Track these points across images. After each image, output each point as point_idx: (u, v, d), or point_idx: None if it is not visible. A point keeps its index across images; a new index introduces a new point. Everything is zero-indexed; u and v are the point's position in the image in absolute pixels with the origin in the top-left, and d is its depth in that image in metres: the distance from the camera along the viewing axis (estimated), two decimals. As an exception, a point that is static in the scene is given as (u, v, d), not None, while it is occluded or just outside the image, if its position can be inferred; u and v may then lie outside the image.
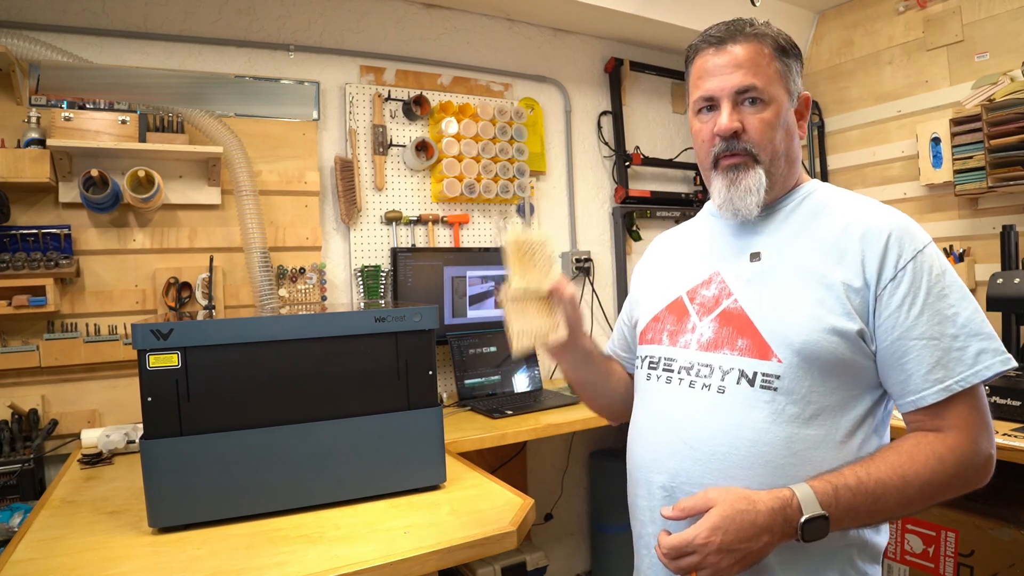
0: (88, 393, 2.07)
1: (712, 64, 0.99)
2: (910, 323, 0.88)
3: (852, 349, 0.90)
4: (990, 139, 2.25)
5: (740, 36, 0.98)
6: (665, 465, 0.98)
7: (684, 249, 1.15)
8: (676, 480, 0.96)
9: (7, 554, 1.16)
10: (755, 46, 0.98)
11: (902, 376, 0.89)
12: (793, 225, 1.00)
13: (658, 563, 0.91)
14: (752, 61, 0.97)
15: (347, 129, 2.52)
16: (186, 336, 1.24)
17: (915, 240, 0.92)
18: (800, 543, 0.84)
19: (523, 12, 2.81)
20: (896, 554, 2.12)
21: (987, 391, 1.85)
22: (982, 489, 0.93)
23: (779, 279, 0.96)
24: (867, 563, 0.95)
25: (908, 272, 0.89)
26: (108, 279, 2.12)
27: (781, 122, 0.98)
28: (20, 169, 1.88)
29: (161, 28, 2.21)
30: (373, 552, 1.12)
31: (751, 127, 0.97)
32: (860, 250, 0.92)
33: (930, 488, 0.86)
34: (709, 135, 1.00)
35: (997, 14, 2.40)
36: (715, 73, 0.98)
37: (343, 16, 2.52)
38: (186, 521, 1.25)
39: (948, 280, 0.90)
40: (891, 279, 0.90)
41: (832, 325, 0.89)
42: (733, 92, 0.96)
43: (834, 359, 0.89)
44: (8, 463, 1.79)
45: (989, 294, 2.10)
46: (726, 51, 0.98)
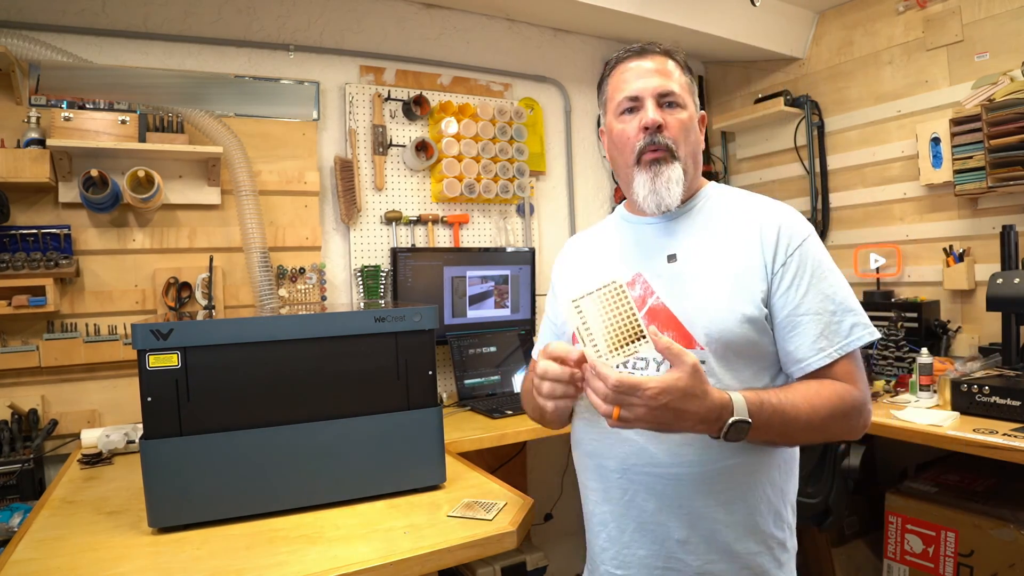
0: (88, 393, 2.07)
1: (636, 70, 1.11)
2: (798, 300, 1.03)
3: (759, 332, 1.04)
4: (990, 139, 2.25)
5: (657, 50, 1.13)
6: (615, 451, 1.07)
7: (602, 252, 1.22)
8: (627, 463, 1.06)
9: (7, 554, 1.16)
10: (669, 60, 1.12)
11: (792, 346, 1.04)
12: (700, 225, 1.12)
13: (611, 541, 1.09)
14: (668, 72, 1.11)
15: (347, 129, 2.52)
16: (186, 336, 1.24)
17: (800, 231, 1.07)
18: (721, 445, 0.98)
19: (523, 12, 2.81)
20: (896, 554, 2.12)
21: (987, 391, 1.86)
22: (982, 489, 0.95)
23: (695, 276, 1.07)
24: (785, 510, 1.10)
25: (795, 257, 1.04)
26: (108, 279, 2.12)
27: (693, 125, 1.12)
28: (20, 169, 1.88)
29: (161, 28, 2.21)
30: (373, 552, 1.13)
31: (671, 125, 1.09)
32: (759, 241, 1.06)
33: (831, 420, 1.00)
34: (634, 131, 1.09)
35: (997, 14, 2.40)
36: (639, 77, 1.10)
37: (343, 16, 2.52)
38: (186, 521, 1.25)
39: (827, 265, 1.06)
40: (783, 264, 1.04)
41: (744, 313, 1.02)
42: (656, 93, 1.09)
43: (746, 342, 1.03)
44: (8, 463, 1.79)
45: (989, 294, 2.09)
46: (647, 58, 1.12)
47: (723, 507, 1.03)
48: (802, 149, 2.98)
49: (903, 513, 2.11)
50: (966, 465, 2.17)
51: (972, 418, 1.87)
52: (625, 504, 1.07)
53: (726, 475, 1.03)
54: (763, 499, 1.05)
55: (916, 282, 2.68)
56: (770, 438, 1.00)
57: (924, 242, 2.64)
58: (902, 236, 2.71)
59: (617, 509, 1.08)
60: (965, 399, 1.92)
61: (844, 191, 2.93)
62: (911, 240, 2.68)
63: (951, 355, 2.47)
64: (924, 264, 2.65)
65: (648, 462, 1.04)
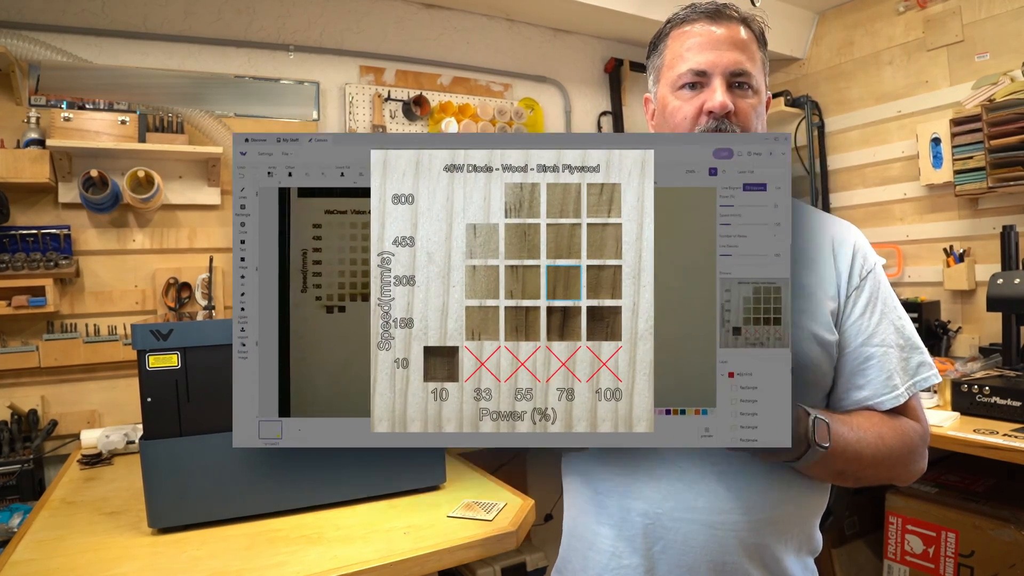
0: (88, 393, 2.07)
1: (707, 37, 0.89)
2: (871, 330, 0.91)
3: (826, 358, 0.90)
4: (990, 139, 2.25)
5: (734, 15, 0.91)
6: (645, 492, 0.90)
7: None
8: (663, 507, 0.89)
9: (7, 555, 1.15)
10: (747, 30, 0.91)
11: (862, 380, 0.91)
12: None
13: None
14: (745, 44, 0.90)
15: (347, 129, 2.51)
16: (186, 336, 1.24)
17: (873, 253, 0.95)
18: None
19: (523, 12, 2.80)
20: (896, 555, 2.12)
21: (987, 391, 1.86)
22: (983, 490, 0.94)
23: None
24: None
25: (869, 281, 0.93)
26: (108, 279, 2.11)
27: (762, 111, 0.93)
28: (20, 169, 1.88)
29: (160, 28, 2.21)
30: (373, 552, 1.12)
31: (741, 111, 0.89)
32: (831, 255, 0.93)
33: (899, 459, 0.89)
34: (694, 112, 0.90)
35: (997, 14, 2.40)
36: (710, 47, 0.89)
37: (343, 16, 2.52)
38: (186, 522, 1.24)
39: (894, 296, 0.95)
40: (856, 287, 0.92)
41: (814, 333, 0.89)
42: (728, 71, 0.88)
43: (809, 365, 0.89)
44: (8, 463, 1.79)
45: (989, 294, 2.09)
46: (721, 24, 0.90)
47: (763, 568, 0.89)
48: (802, 149, 2.98)
49: (903, 513, 2.11)
50: (966, 465, 2.17)
51: (972, 418, 1.87)
52: (652, 559, 0.90)
53: (780, 525, 0.90)
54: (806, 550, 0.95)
55: (916, 282, 2.68)
56: (834, 471, 0.87)
57: (924, 242, 2.65)
58: (902, 236, 2.71)
59: (643, 563, 0.91)
60: (965, 399, 1.92)
61: (844, 191, 2.93)
62: (911, 240, 2.68)
63: (951, 355, 2.47)
64: (924, 264, 2.65)
65: (688, 507, 0.88)
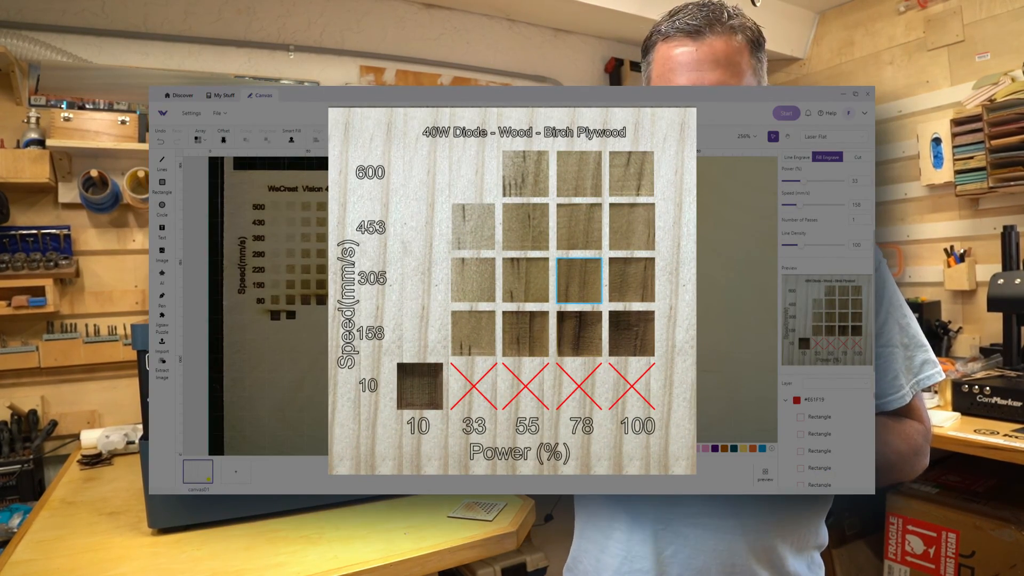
0: (88, 394, 2.07)
1: (688, 57, 0.87)
2: (878, 328, 0.89)
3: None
4: (991, 139, 2.25)
5: (718, 26, 0.87)
6: (655, 496, 0.88)
7: None
8: (674, 511, 0.89)
9: (6, 555, 1.15)
10: (733, 39, 0.88)
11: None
12: None
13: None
14: (729, 58, 0.86)
15: (347, 129, 2.51)
16: (185, 336, 1.23)
17: (877, 249, 0.94)
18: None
19: (523, 12, 2.80)
20: (897, 555, 2.12)
21: (988, 392, 1.86)
22: (983, 490, 0.94)
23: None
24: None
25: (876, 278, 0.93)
26: (108, 279, 2.11)
27: None
28: (20, 169, 1.88)
29: (161, 28, 2.21)
30: (373, 553, 1.12)
31: None
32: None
33: (903, 458, 0.89)
34: None
35: (998, 14, 2.40)
36: (692, 68, 0.86)
37: (343, 16, 2.52)
38: (186, 522, 1.24)
39: (900, 293, 0.93)
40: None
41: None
42: None
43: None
44: (8, 464, 1.79)
45: (990, 294, 2.09)
46: (704, 43, 0.86)
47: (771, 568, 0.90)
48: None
49: (904, 514, 2.10)
50: (967, 466, 2.17)
51: (973, 419, 1.87)
52: (664, 564, 0.91)
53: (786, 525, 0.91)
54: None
55: (917, 282, 2.67)
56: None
57: (925, 242, 2.64)
58: (903, 236, 2.71)
59: (655, 568, 0.92)
60: (966, 400, 1.91)
61: (845, 191, 2.93)
62: (912, 240, 2.68)
63: (952, 356, 2.47)
64: (925, 264, 2.64)
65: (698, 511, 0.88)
